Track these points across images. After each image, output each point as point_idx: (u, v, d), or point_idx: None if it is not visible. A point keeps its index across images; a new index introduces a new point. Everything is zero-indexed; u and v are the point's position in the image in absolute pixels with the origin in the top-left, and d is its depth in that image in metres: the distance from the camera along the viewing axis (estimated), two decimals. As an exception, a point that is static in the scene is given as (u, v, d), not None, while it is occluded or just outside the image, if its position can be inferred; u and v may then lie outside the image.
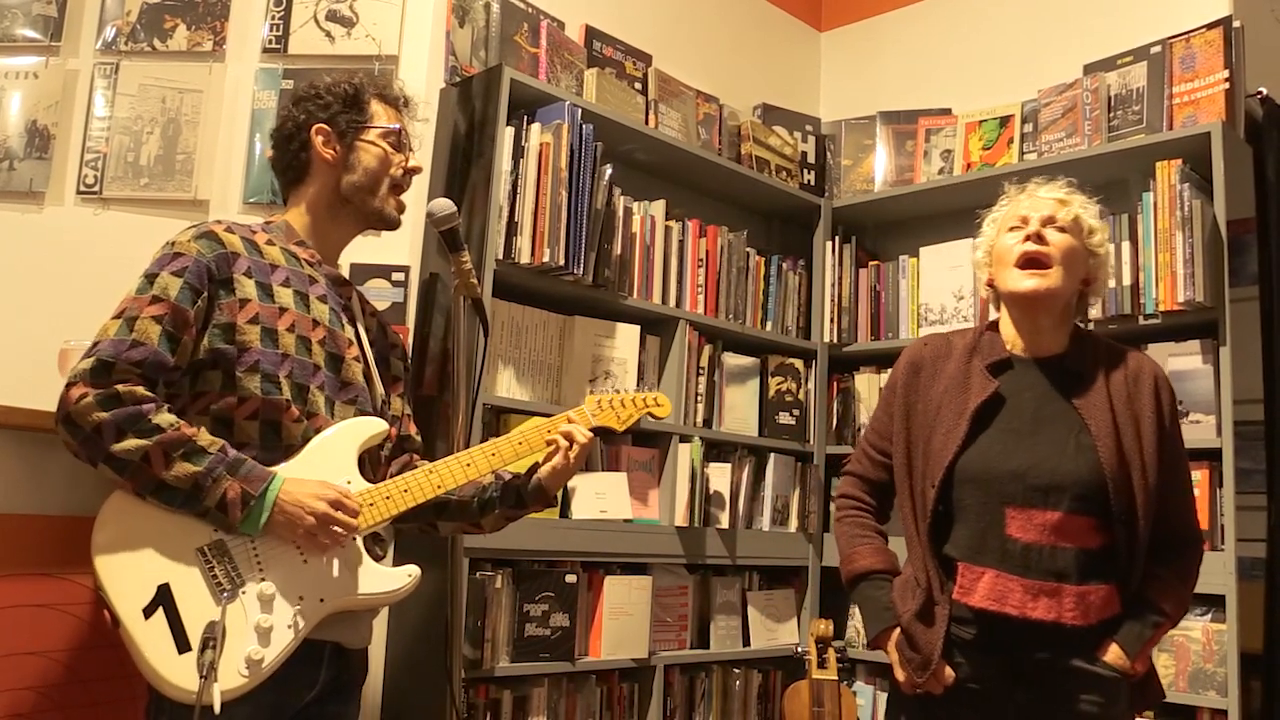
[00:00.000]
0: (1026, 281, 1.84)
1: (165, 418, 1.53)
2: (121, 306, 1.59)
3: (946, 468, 1.83)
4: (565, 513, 2.67)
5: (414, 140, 1.91)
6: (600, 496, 2.72)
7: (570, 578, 2.63)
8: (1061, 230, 1.86)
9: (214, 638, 1.44)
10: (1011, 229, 1.89)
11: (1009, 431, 1.83)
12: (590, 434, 1.86)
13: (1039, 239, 1.85)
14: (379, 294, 2.60)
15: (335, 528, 1.59)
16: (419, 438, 1.96)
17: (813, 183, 3.64)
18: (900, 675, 1.86)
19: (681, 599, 2.99)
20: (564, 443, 1.83)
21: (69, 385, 1.52)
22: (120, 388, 1.51)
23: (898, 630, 1.87)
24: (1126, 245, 2.78)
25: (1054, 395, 1.85)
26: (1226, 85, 2.80)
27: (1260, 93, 2.87)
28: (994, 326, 1.97)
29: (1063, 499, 1.77)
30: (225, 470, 1.54)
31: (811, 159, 3.67)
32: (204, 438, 1.55)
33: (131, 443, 1.50)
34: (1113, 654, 1.76)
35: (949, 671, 1.80)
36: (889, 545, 2.00)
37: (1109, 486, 1.76)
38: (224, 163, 2.71)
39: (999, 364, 1.89)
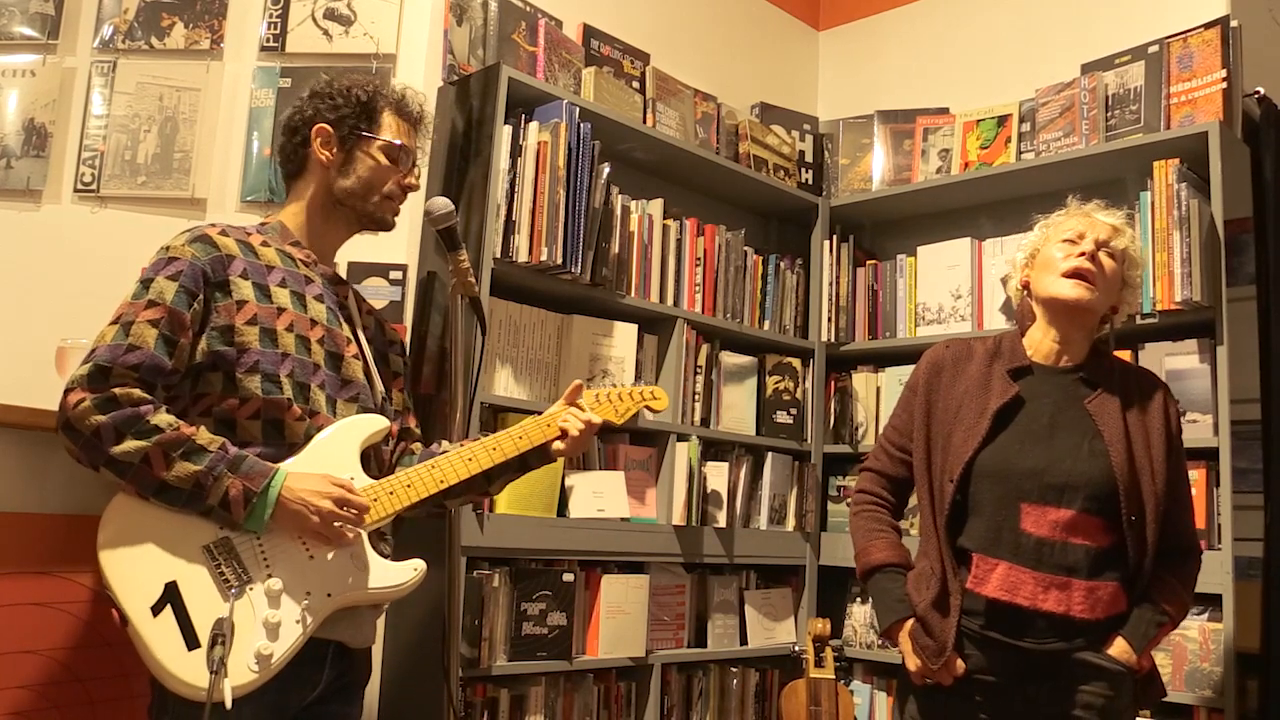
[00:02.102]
0: (1073, 290, 1.92)
1: (163, 418, 1.53)
2: (118, 312, 1.59)
3: (966, 463, 1.90)
4: (562, 511, 2.67)
5: (420, 156, 1.89)
6: (597, 495, 2.72)
7: (567, 576, 2.63)
8: (1111, 256, 1.96)
9: (223, 634, 1.45)
10: (1065, 240, 1.97)
11: (1026, 433, 1.91)
12: (596, 419, 1.87)
13: (1093, 259, 1.93)
14: (376, 292, 2.60)
15: (338, 524, 1.59)
16: (419, 430, 1.97)
17: (810, 182, 3.64)
18: (912, 665, 1.93)
19: (679, 598, 2.99)
20: (575, 427, 1.85)
21: (67, 391, 1.52)
22: (117, 391, 1.51)
23: (910, 621, 1.94)
24: (1124, 245, 2.78)
25: (1070, 402, 1.94)
26: (1224, 85, 2.80)
27: (1258, 92, 2.87)
28: (1015, 333, 2.06)
29: (1076, 498, 1.85)
30: (226, 468, 1.54)
31: (809, 158, 3.67)
32: (203, 436, 1.55)
33: (131, 444, 1.50)
34: (1119, 648, 1.83)
35: (960, 663, 1.86)
36: (903, 540, 2.07)
37: (1119, 490, 1.84)
38: (221, 161, 2.70)
39: (1019, 370, 1.98)
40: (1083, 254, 1.93)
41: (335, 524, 1.59)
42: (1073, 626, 1.82)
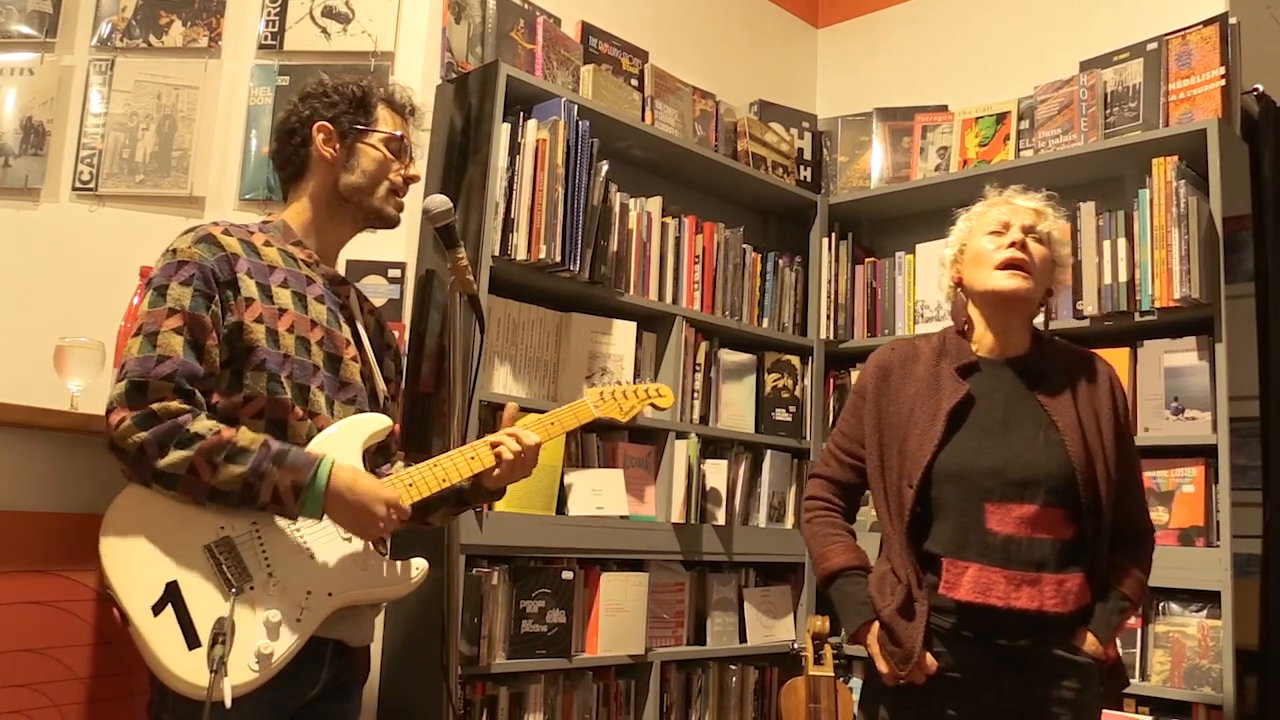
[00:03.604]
0: (1009, 281, 1.91)
1: (203, 424, 1.54)
2: (139, 323, 1.59)
3: (925, 467, 1.88)
4: (562, 509, 2.67)
5: (416, 149, 1.91)
6: (596, 493, 2.72)
7: (567, 574, 2.63)
8: (1039, 241, 1.95)
9: (223, 633, 1.45)
10: (991, 233, 1.97)
11: (981, 430, 1.90)
12: (530, 444, 1.81)
13: (1022, 247, 1.92)
14: (375, 290, 2.60)
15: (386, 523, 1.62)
16: (400, 439, 1.96)
17: (809, 179, 3.64)
18: (883, 667, 1.91)
19: (678, 595, 2.99)
20: (508, 453, 1.79)
21: (109, 411, 1.53)
22: (155, 406, 1.52)
23: (877, 624, 1.92)
24: (1123, 242, 2.78)
25: (1021, 394, 1.93)
26: (1223, 82, 2.80)
27: (1256, 89, 2.87)
28: (958, 331, 2.04)
29: (1038, 493, 1.84)
30: (271, 464, 1.54)
31: (808, 155, 3.67)
32: (244, 437, 1.55)
33: (175, 455, 1.51)
34: (1089, 643, 1.84)
35: (931, 660, 1.85)
36: (858, 543, 2.05)
37: (1078, 480, 1.84)
38: (220, 159, 2.70)
39: (967, 367, 1.96)
40: (1012, 244, 1.92)
41: (380, 524, 1.61)
42: (1045, 622, 1.82)
